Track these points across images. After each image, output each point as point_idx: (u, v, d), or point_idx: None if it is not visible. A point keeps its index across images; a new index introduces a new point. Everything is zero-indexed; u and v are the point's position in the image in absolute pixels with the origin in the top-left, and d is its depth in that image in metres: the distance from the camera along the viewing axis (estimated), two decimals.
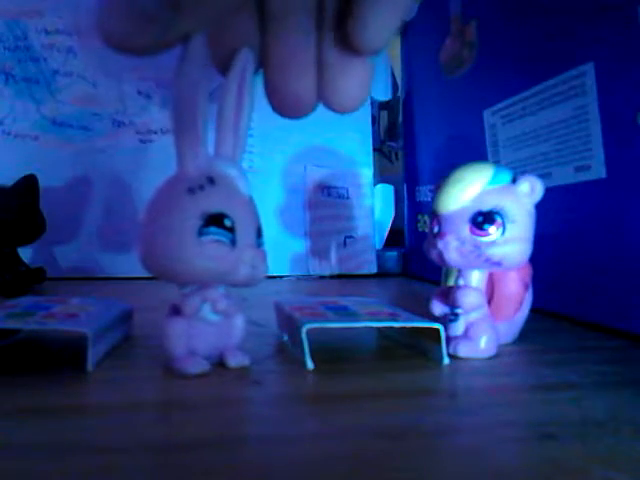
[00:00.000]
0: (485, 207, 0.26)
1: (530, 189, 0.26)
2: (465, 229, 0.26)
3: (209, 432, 0.18)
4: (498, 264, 0.26)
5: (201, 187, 0.23)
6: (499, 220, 0.26)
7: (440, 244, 0.26)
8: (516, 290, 0.29)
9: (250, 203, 0.25)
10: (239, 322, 0.25)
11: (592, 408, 0.21)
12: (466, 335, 0.27)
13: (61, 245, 0.67)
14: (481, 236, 0.26)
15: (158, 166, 0.66)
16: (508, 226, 0.26)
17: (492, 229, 0.26)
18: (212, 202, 0.23)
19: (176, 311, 0.25)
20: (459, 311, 0.27)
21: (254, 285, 0.25)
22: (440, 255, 0.27)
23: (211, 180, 0.23)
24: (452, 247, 0.26)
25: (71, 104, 0.69)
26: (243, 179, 0.25)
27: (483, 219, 0.26)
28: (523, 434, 0.18)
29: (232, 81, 0.24)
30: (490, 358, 0.27)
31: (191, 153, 0.24)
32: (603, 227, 0.34)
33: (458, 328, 0.27)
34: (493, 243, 0.26)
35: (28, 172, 0.57)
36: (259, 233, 0.25)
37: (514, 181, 0.26)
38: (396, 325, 0.27)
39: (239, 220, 0.24)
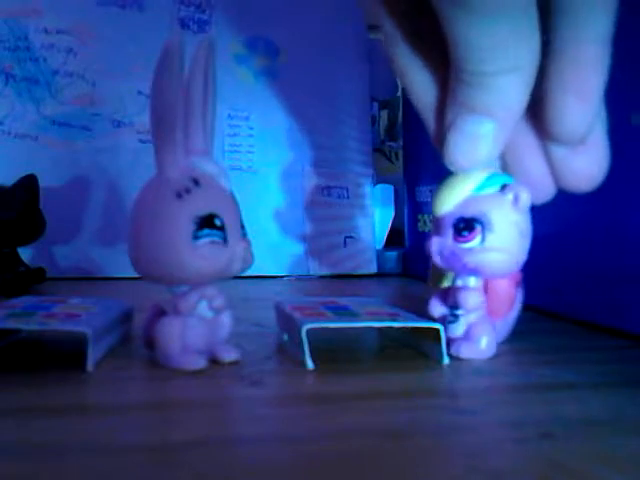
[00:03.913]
0: (467, 213, 0.25)
1: (514, 198, 0.25)
2: (449, 233, 0.26)
3: (209, 432, 0.18)
4: (474, 271, 0.26)
5: (187, 190, 0.23)
6: (478, 228, 0.25)
7: (426, 246, 0.26)
8: (507, 288, 0.29)
9: (232, 197, 0.25)
10: (226, 318, 0.26)
11: (592, 408, 0.21)
12: (467, 336, 0.27)
13: (61, 245, 0.67)
14: (460, 242, 0.26)
15: None
16: (488, 235, 0.25)
17: (471, 236, 0.25)
18: (201, 204, 0.23)
19: (161, 312, 0.25)
20: (459, 312, 0.27)
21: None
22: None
23: (195, 181, 0.24)
24: (435, 250, 0.26)
25: (71, 104, 0.69)
26: (223, 174, 0.25)
27: (464, 225, 0.25)
28: (523, 434, 0.18)
29: (197, 73, 0.24)
30: (490, 358, 0.27)
31: (171, 156, 0.24)
32: (602, 226, 0.34)
33: (458, 329, 0.27)
34: (470, 250, 0.25)
35: (28, 172, 0.57)
36: (242, 224, 0.25)
37: (504, 189, 0.26)
38: (396, 325, 0.27)
39: (227, 216, 0.24)
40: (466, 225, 0.25)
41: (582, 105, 0.21)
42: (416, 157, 0.69)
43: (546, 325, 0.37)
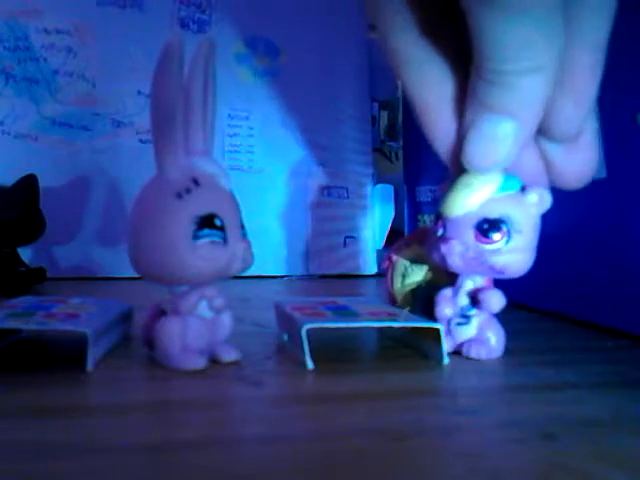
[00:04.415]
0: (492, 215, 0.25)
1: (539, 200, 0.26)
2: (470, 235, 0.26)
3: (208, 432, 0.18)
4: (501, 272, 0.26)
5: (188, 190, 0.23)
6: (505, 229, 0.25)
7: (444, 248, 0.26)
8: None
9: (232, 197, 0.25)
10: (226, 318, 0.26)
11: (592, 408, 0.21)
12: (479, 337, 0.27)
13: (61, 245, 0.67)
14: (486, 243, 0.25)
15: None
16: (514, 235, 0.25)
17: (497, 237, 0.25)
18: (201, 204, 0.23)
19: (161, 312, 0.25)
20: (471, 313, 0.27)
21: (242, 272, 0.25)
22: (443, 259, 0.26)
23: (196, 181, 0.23)
24: (456, 252, 0.26)
25: (71, 104, 0.69)
26: (223, 175, 0.25)
27: (489, 226, 0.25)
28: (523, 434, 0.18)
29: (197, 73, 0.24)
30: (491, 358, 0.27)
31: (171, 156, 0.24)
32: (603, 227, 0.34)
33: (470, 331, 0.27)
34: (497, 251, 0.25)
35: (28, 172, 0.57)
36: (242, 224, 0.25)
37: (523, 190, 0.26)
38: (396, 325, 0.27)
39: (227, 217, 0.24)
40: (492, 226, 0.25)
41: (577, 108, 0.22)
42: (416, 157, 0.69)
43: (546, 325, 0.37)
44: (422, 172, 0.67)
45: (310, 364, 0.25)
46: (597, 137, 0.24)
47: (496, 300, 0.27)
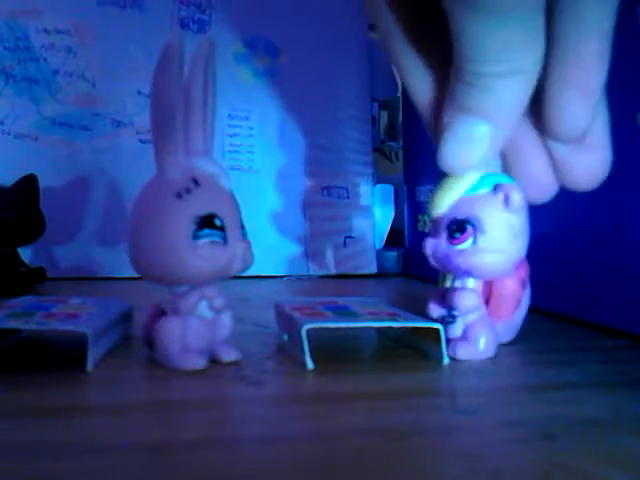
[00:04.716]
0: (460, 215, 0.25)
1: (504, 199, 0.25)
2: (443, 235, 0.26)
3: (208, 432, 0.18)
4: (467, 273, 0.26)
5: (188, 190, 0.23)
6: (470, 229, 0.25)
7: (423, 247, 0.27)
8: (513, 288, 0.29)
9: (232, 197, 0.25)
10: (226, 318, 0.26)
11: (592, 408, 0.21)
12: (465, 337, 0.27)
13: (61, 245, 0.67)
14: (453, 244, 0.26)
15: None
16: (479, 236, 0.25)
17: (462, 237, 0.25)
18: (201, 204, 0.23)
19: (161, 312, 0.25)
20: (456, 313, 0.27)
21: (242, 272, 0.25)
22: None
23: (196, 181, 0.24)
24: (429, 253, 0.26)
25: (71, 104, 0.69)
26: (223, 175, 0.25)
27: (456, 227, 0.25)
28: (523, 434, 0.18)
29: (197, 73, 0.25)
30: (490, 358, 0.27)
31: (171, 156, 0.24)
32: (603, 227, 0.34)
33: (456, 330, 0.27)
34: (463, 252, 0.25)
35: (28, 172, 0.57)
36: (242, 224, 0.25)
37: (495, 190, 0.25)
38: (396, 325, 0.27)
39: (227, 217, 0.24)
40: (458, 227, 0.25)
41: (583, 102, 0.21)
42: (416, 157, 0.69)
43: (546, 325, 0.37)
44: (422, 172, 0.67)
45: (310, 364, 0.25)
46: (607, 137, 0.23)
47: (466, 300, 0.27)
